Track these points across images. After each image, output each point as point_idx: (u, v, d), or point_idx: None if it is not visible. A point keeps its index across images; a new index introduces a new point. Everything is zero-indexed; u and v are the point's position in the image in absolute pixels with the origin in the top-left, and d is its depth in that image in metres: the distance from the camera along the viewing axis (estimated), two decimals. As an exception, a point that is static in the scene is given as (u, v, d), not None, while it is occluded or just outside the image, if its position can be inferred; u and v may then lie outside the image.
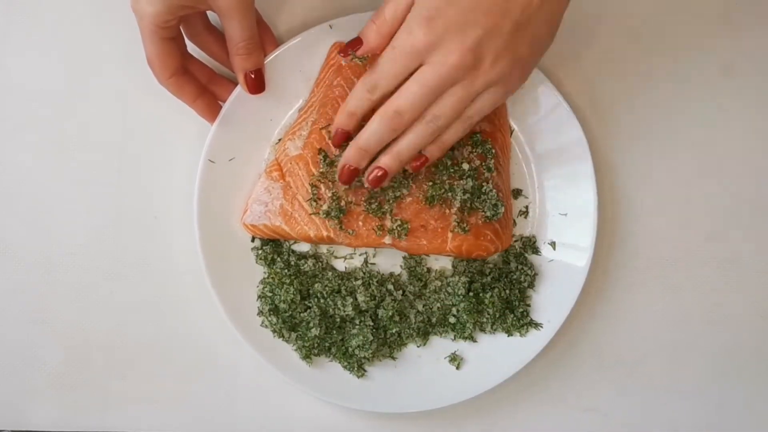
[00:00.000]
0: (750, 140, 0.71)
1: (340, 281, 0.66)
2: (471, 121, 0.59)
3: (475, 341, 0.67)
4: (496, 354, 0.67)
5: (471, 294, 0.66)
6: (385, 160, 0.60)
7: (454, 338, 0.67)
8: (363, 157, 0.61)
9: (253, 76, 0.63)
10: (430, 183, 0.64)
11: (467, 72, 0.56)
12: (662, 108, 0.71)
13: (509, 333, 0.67)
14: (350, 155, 0.61)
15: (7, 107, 0.69)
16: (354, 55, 0.59)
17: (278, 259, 0.66)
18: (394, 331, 0.66)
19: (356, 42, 0.59)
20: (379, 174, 0.61)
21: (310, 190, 0.65)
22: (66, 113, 0.69)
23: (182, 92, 0.63)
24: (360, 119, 0.61)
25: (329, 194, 0.65)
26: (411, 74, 0.57)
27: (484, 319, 0.66)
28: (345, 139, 0.62)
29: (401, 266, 0.68)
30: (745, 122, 0.71)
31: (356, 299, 0.66)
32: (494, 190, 0.64)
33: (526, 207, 0.68)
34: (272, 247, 0.67)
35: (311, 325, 0.65)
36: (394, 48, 0.56)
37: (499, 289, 0.66)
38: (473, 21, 0.54)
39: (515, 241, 0.68)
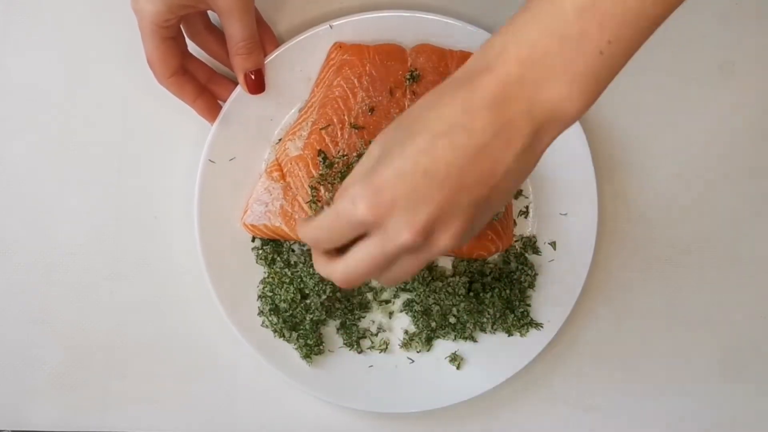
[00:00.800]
0: (750, 140, 0.71)
1: None
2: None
3: (475, 341, 0.67)
4: (496, 354, 0.67)
5: (471, 294, 0.66)
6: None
7: (455, 338, 0.67)
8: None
9: (253, 76, 0.63)
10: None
11: (417, 248, 0.48)
12: (662, 107, 0.71)
13: (509, 333, 0.67)
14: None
15: (7, 107, 0.69)
16: None
17: (278, 258, 0.66)
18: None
19: None
20: None
21: (309, 192, 0.65)
22: (66, 113, 0.69)
23: (182, 92, 0.63)
24: None
25: (328, 196, 0.65)
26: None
27: (485, 319, 0.66)
28: None
29: None
30: (745, 122, 0.71)
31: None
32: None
33: (526, 207, 0.68)
34: (272, 246, 0.67)
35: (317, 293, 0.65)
36: (337, 213, 0.49)
37: (500, 289, 0.66)
38: (424, 197, 0.46)
39: (515, 241, 0.68)
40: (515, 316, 0.66)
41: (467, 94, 0.46)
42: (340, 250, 0.51)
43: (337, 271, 0.51)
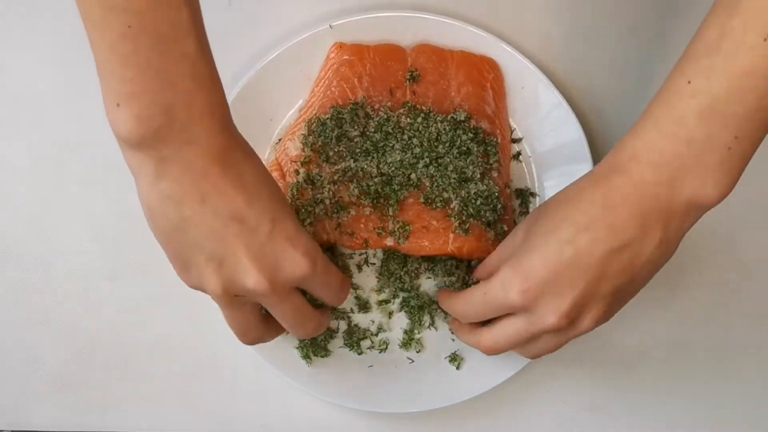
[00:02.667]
0: (750, 140, 0.71)
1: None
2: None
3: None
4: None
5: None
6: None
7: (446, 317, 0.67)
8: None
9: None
10: (429, 184, 0.64)
11: (561, 330, 0.53)
12: (662, 108, 0.71)
13: None
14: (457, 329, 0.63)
15: (7, 108, 0.69)
16: None
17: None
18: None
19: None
20: None
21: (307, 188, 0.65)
22: (66, 113, 0.69)
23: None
24: None
25: (329, 193, 0.64)
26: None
27: None
28: None
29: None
30: (745, 122, 0.71)
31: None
32: (496, 192, 0.64)
33: (527, 207, 0.68)
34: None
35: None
36: (486, 294, 0.54)
37: None
38: (569, 284, 0.51)
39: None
40: None
41: (605, 191, 0.50)
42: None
43: (484, 340, 0.57)
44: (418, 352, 0.67)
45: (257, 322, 0.55)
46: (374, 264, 0.68)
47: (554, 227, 0.52)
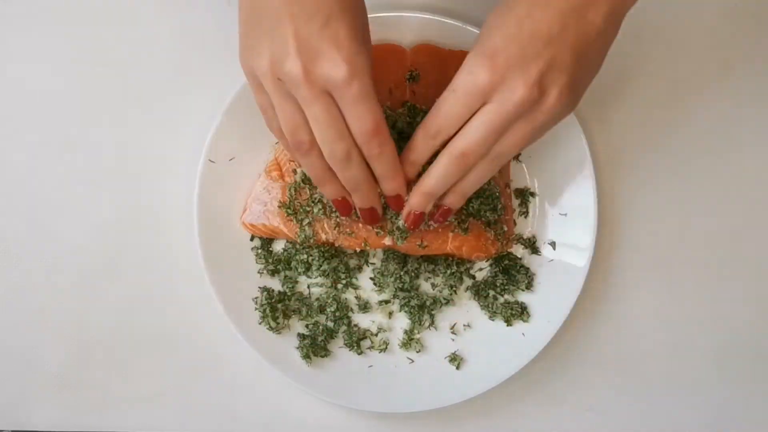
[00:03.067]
0: (750, 140, 0.71)
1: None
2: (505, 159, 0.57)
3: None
4: (497, 354, 0.67)
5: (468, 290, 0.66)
6: (452, 200, 0.59)
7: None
8: (429, 201, 0.59)
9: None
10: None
11: (532, 106, 0.53)
12: (662, 108, 0.71)
13: (509, 322, 0.67)
14: (416, 202, 0.59)
15: (7, 107, 0.69)
16: None
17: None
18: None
19: None
20: (445, 213, 0.60)
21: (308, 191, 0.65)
22: (66, 113, 0.69)
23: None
24: (421, 167, 0.59)
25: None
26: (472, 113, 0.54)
27: (486, 302, 0.67)
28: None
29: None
30: (744, 122, 0.71)
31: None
32: (496, 192, 0.64)
33: (526, 207, 0.68)
34: (272, 246, 0.67)
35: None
36: (455, 90, 0.54)
37: (499, 286, 0.67)
38: (534, 54, 0.52)
39: (516, 241, 0.68)
40: (513, 311, 0.67)
41: None
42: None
43: (456, 147, 0.55)
44: (418, 352, 0.67)
45: (303, 123, 0.54)
46: (374, 264, 0.68)
47: (509, 8, 0.53)
